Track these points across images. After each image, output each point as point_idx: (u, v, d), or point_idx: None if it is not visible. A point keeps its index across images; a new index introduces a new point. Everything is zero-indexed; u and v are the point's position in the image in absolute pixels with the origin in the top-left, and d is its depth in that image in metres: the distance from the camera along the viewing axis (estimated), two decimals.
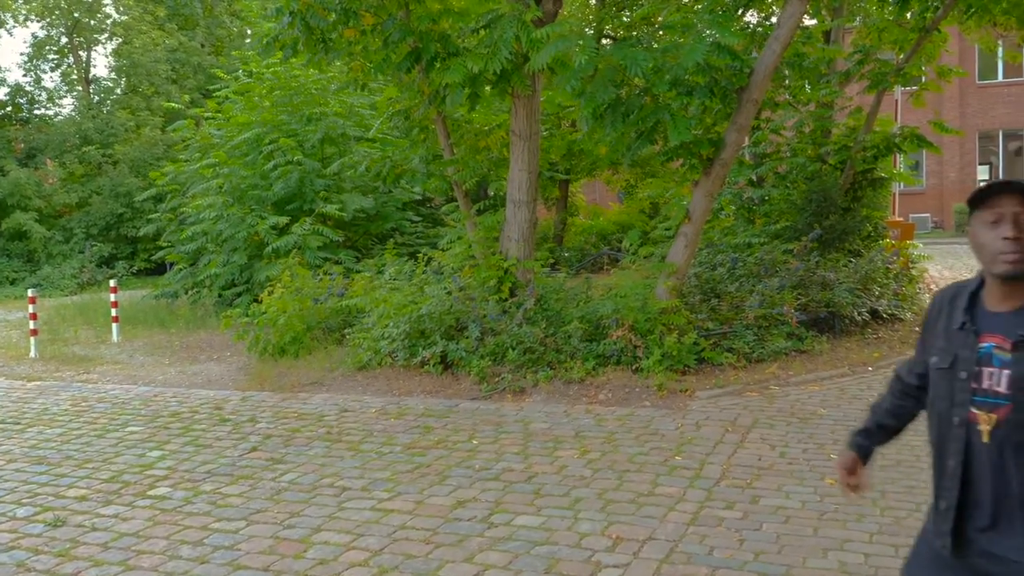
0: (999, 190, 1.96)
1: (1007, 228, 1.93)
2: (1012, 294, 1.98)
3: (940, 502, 2.07)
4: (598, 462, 5.60)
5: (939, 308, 2.15)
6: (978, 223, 2.00)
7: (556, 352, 8.13)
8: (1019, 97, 28.59)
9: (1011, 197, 1.95)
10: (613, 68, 7.48)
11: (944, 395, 2.04)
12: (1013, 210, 1.93)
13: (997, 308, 2.00)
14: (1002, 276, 1.95)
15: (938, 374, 2.07)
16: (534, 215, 9.66)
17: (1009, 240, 1.91)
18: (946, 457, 2.04)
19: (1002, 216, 1.94)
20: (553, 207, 19.20)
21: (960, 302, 2.07)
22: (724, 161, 8.34)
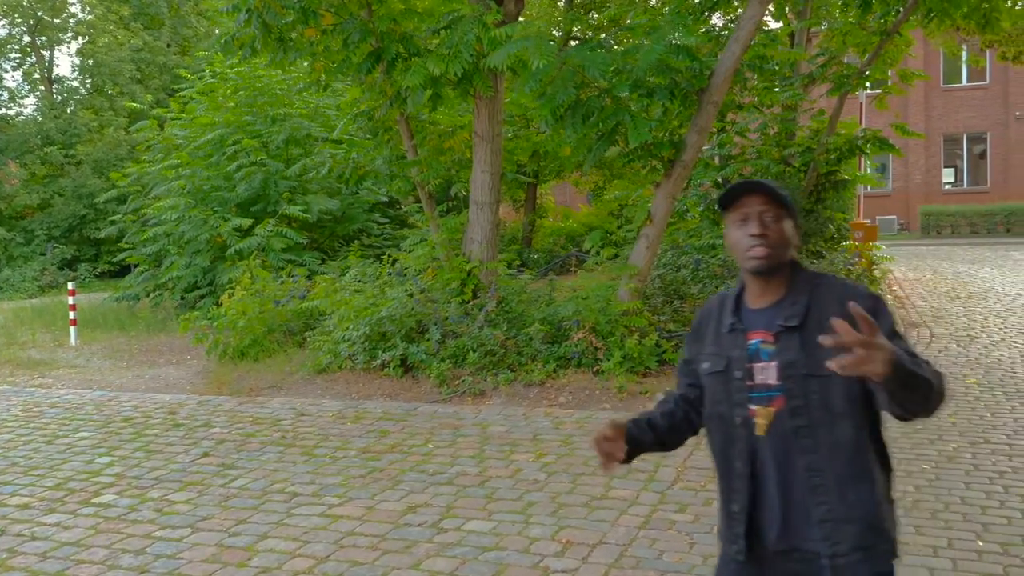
0: (745, 191, 2.03)
1: (753, 226, 1.99)
2: (768, 289, 2.04)
3: (732, 505, 2.08)
4: (553, 465, 5.55)
5: (706, 318, 2.20)
6: (729, 223, 2.07)
7: (517, 354, 8.09)
8: (982, 100, 29.00)
9: (756, 197, 2.02)
10: (573, 70, 7.44)
11: (722, 398, 2.07)
12: (758, 209, 2.00)
13: (757, 305, 2.06)
14: (752, 272, 2.02)
15: (713, 378, 2.10)
16: (497, 217, 9.61)
17: (755, 236, 1.98)
18: (732, 460, 2.06)
19: (748, 215, 2.01)
20: (521, 209, 19.17)
21: (727, 306, 2.12)
22: (685, 163, 8.34)
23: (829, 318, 1.78)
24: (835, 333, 1.71)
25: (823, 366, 1.82)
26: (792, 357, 1.96)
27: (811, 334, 1.93)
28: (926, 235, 27.41)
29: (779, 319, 2.00)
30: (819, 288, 2.02)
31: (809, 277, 2.05)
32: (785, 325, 1.98)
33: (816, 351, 1.89)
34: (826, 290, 2.01)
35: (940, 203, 28.57)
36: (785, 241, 2.00)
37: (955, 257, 20.93)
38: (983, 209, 27.18)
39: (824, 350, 1.80)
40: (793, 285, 2.03)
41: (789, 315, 1.99)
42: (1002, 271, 17.22)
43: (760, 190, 2.02)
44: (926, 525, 4.39)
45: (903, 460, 5.45)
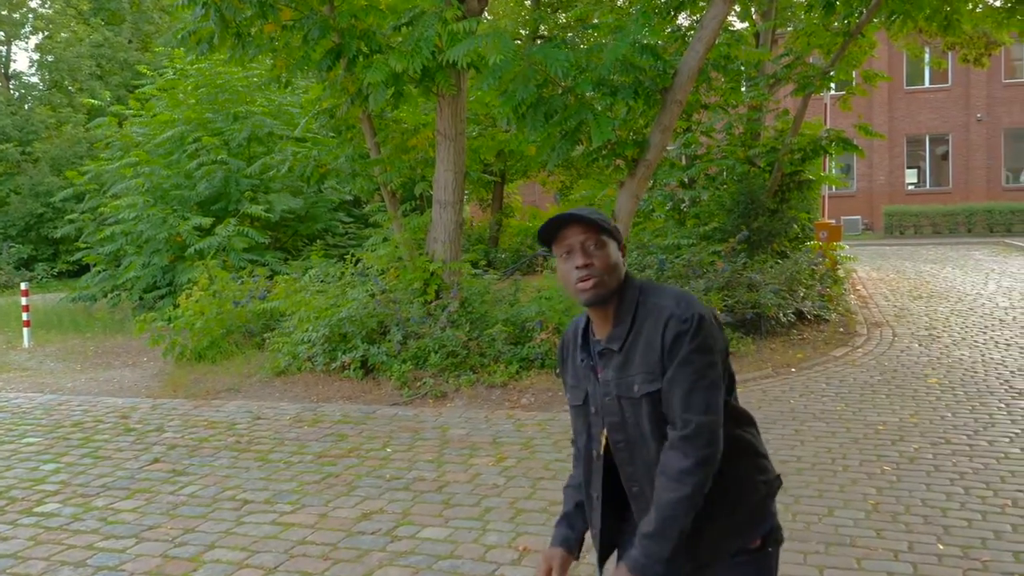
0: (564, 223, 1.98)
1: (578, 257, 1.95)
2: (606, 317, 2.01)
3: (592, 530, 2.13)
4: (513, 469, 5.45)
5: (566, 347, 2.16)
6: (557, 259, 2.03)
7: (480, 356, 7.98)
8: (944, 102, 29.40)
9: (574, 228, 1.97)
10: (534, 67, 7.34)
11: (581, 430, 2.09)
12: (579, 239, 1.96)
13: (600, 336, 2.03)
14: (587, 304, 1.98)
15: (574, 411, 2.11)
16: (461, 216, 9.49)
17: (581, 268, 1.94)
18: (591, 489, 2.09)
19: (572, 247, 1.97)
20: (488, 208, 19.05)
21: (579, 338, 2.09)
22: (649, 162, 8.27)
23: (644, 341, 1.91)
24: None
25: (633, 388, 1.92)
26: (608, 377, 1.97)
27: (628, 356, 1.95)
28: (890, 235, 27.71)
29: (605, 341, 2.00)
30: (643, 310, 1.97)
31: (635, 296, 2.00)
32: (607, 347, 1.99)
33: (627, 374, 1.94)
34: (648, 309, 1.97)
35: (903, 203, 28.91)
36: (611, 266, 1.97)
37: (918, 257, 21.16)
38: (945, 209, 27.54)
39: (633, 373, 1.93)
40: (621, 307, 2.00)
41: (610, 338, 1.98)
42: (964, 271, 17.42)
43: (575, 221, 1.97)
44: (887, 528, 4.34)
45: (864, 462, 5.42)
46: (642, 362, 1.92)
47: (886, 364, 8.51)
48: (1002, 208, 27.02)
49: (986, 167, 28.95)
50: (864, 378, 7.87)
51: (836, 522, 4.45)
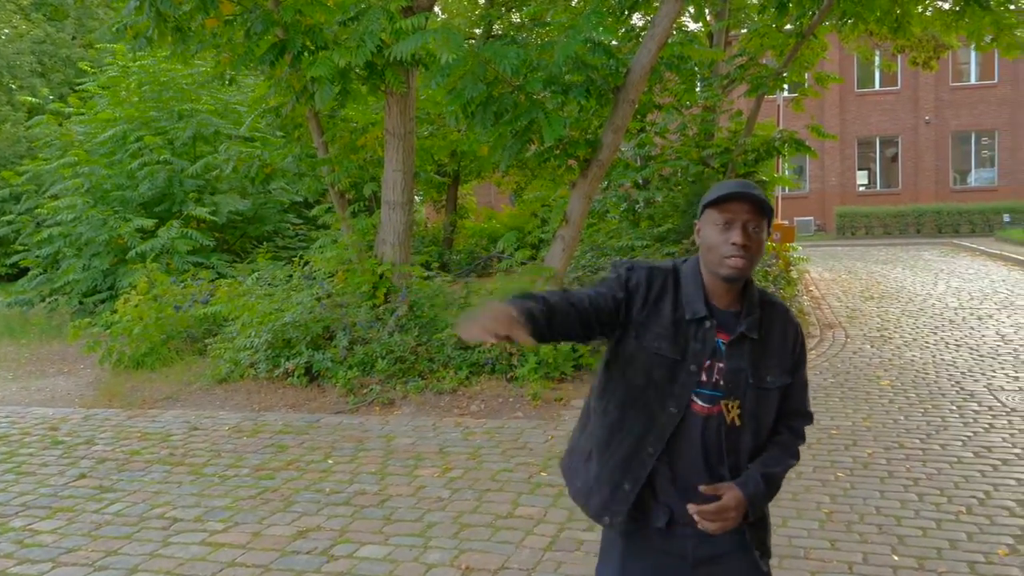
0: (735, 196, 1.98)
1: (737, 234, 1.95)
2: (729, 292, 2.05)
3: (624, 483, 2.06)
4: (459, 481, 5.24)
5: (661, 290, 2.07)
6: (709, 222, 2.02)
7: (429, 361, 7.75)
8: (894, 105, 29.82)
9: (744, 203, 1.97)
10: (483, 65, 7.15)
11: (661, 383, 2.02)
12: (744, 217, 1.97)
13: (721, 305, 2.05)
14: (726, 279, 2.00)
15: (658, 361, 2.02)
16: (410, 217, 9.25)
17: (737, 246, 1.95)
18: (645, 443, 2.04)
19: (733, 221, 1.97)
20: (442, 209, 18.80)
21: (693, 295, 2.04)
22: (601, 162, 8.13)
23: (775, 336, 2.06)
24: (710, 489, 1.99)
25: (765, 380, 2.04)
26: (742, 365, 2.01)
27: (760, 348, 2.04)
28: (842, 236, 28.03)
29: (740, 326, 2.03)
30: (768, 308, 2.09)
31: (759, 293, 2.11)
32: (746, 334, 2.03)
33: (760, 364, 2.04)
34: (773, 311, 2.10)
35: (855, 205, 29.28)
36: (761, 253, 2.01)
37: (869, 257, 21.38)
38: (895, 210, 27.93)
39: (767, 366, 2.05)
40: (749, 296, 2.06)
41: (750, 326, 2.03)
42: (914, 271, 17.61)
43: (748, 198, 1.97)
44: (841, 539, 4.22)
45: (818, 468, 5.32)
46: (778, 359, 2.06)
47: (839, 366, 8.47)
48: (950, 209, 27.47)
49: (934, 169, 29.44)
50: (817, 381, 7.81)
51: (790, 533, 4.32)
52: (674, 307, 2.03)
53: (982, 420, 6.36)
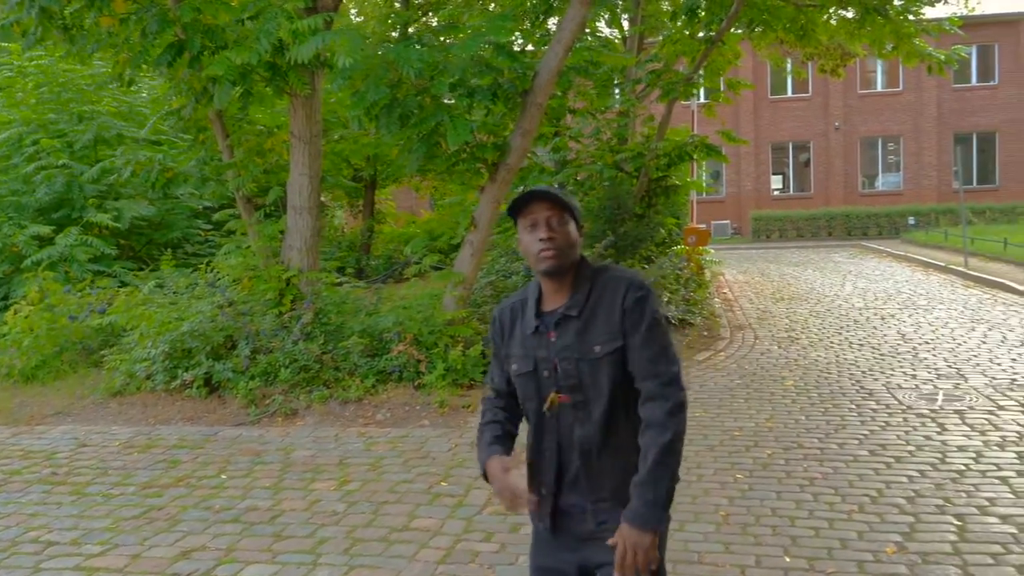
0: (531, 199, 2.17)
1: (542, 231, 2.14)
2: (560, 289, 2.20)
3: (541, 488, 2.23)
4: (356, 493, 5.09)
5: (509, 319, 2.31)
6: (520, 229, 2.21)
7: (334, 370, 7.56)
8: (805, 111, 30.66)
9: (542, 204, 2.16)
10: (385, 66, 7.02)
11: (532, 395, 2.22)
12: (545, 215, 2.16)
13: (550, 307, 2.21)
14: (544, 273, 2.17)
15: (523, 379, 2.23)
16: (318, 222, 9.03)
17: (544, 240, 2.13)
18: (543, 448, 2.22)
19: (536, 221, 2.16)
20: (359, 214, 18.52)
21: (529, 309, 2.25)
22: (510, 166, 8.07)
23: (601, 306, 2.14)
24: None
25: (593, 350, 2.12)
26: (568, 342, 2.14)
27: (587, 321, 2.15)
28: (757, 239, 28.68)
29: (563, 309, 2.17)
30: (599, 279, 2.19)
31: (591, 272, 2.21)
32: (565, 314, 2.16)
33: (588, 337, 2.14)
34: (605, 281, 2.18)
35: (770, 208, 29.99)
36: (571, 243, 2.16)
37: (782, 260, 21.90)
38: (807, 214, 28.71)
39: (591, 338, 2.13)
40: (577, 282, 2.20)
41: (569, 306, 2.17)
42: (823, 273, 18.09)
43: (545, 197, 2.15)
44: (735, 542, 4.22)
45: (719, 471, 5.33)
46: (603, 326, 2.13)
47: (746, 367, 8.58)
48: (859, 212, 28.37)
49: (844, 173, 30.36)
50: (724, 382, 7.89)
51: (686, 537, 4.30)
52: (522, 327, 2.25)
53: (879, 418, 6.49)
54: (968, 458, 5.46)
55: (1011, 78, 29.36)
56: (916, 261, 19.64)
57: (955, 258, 18.31)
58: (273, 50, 7.43)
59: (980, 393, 7.16)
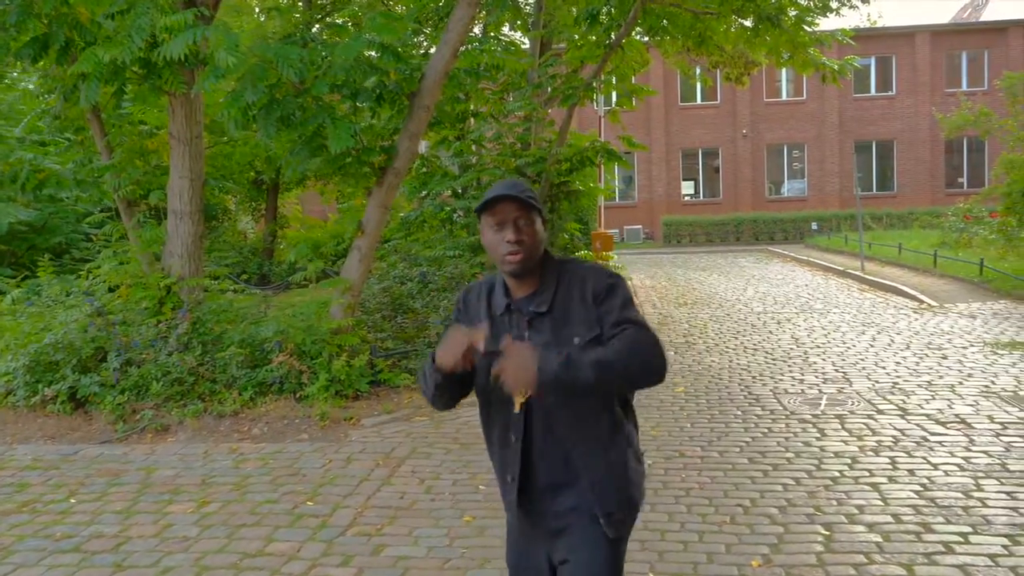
0: (500, 198, 2.14)
1: (509, 232, 2.12)
2: (525, 283, 2.21)
3: (507, 475, 2.23)
4: (213, 516, 4.80)
5: (475, 299, 2.30)
6: (485, 226, 2.19)
7: (211, 382, 7.21)
8: (714, 118, 31.25)
9: (509, 204, 2.14)
10: (263, 66, 6.72)
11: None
12: (513, 215, 2.13)
13: (519, 295, 2.22)
14: (510, 274, 2.17)
15: (485, 360, 2.10)
16: (200, 227, 8.63)
17: (511, 243, 2.12)
18: (508, 434, 2.21)
19: (504, 221, 2.13)
20: (262, 219, 18.01)
21: (498, 291, 2.24)
22: (397, 170, 7.86)
23: (572, 300, 2.15)
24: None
25: (572, 342, 2.11)
26: (544, 339, 2.12)
27: (557, 317, 2.16)
28: (668, 243, 29.07)
29: (533, 306, 2.17)
30: (564, 274, 2.20)
31: (556, 265, 2.22)
32: (536, 311, 2.16)
33: (561, 332, 2.14)
34: (571, 274, 2.20)
35: (680, 214, 30.44)
36: (538, 242, 2.17)
37: (690, 264, 22.20)
38: (716, 219, 29.24)
39: (568, 331, 2.14)
40: (544, 276, 2.20)
41: (540, 302, 2.17)
42: (728, 277, 18.37)
43: (510, 199, 2.13)
44: None
45: None
46: (578, 318, 2.13)
47: None
48: (766, 218, 29.03)
49: (752, 180, 31.04)
50: None
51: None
52: (488, 309, 2.24)
53: (763, 424, 6.50)
54: (843, 464, 5.48)
55: (908, 88, 30.51)
56: (817, 265, 20.14)
57: (853, 262, 18.83)
58: (147, 47, 7.06)
59: (862, 397, 7.26)
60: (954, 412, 6.64)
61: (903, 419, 6.50)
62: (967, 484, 4.99)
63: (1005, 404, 6.82)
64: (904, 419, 6.50)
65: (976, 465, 5.35)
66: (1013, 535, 4.23)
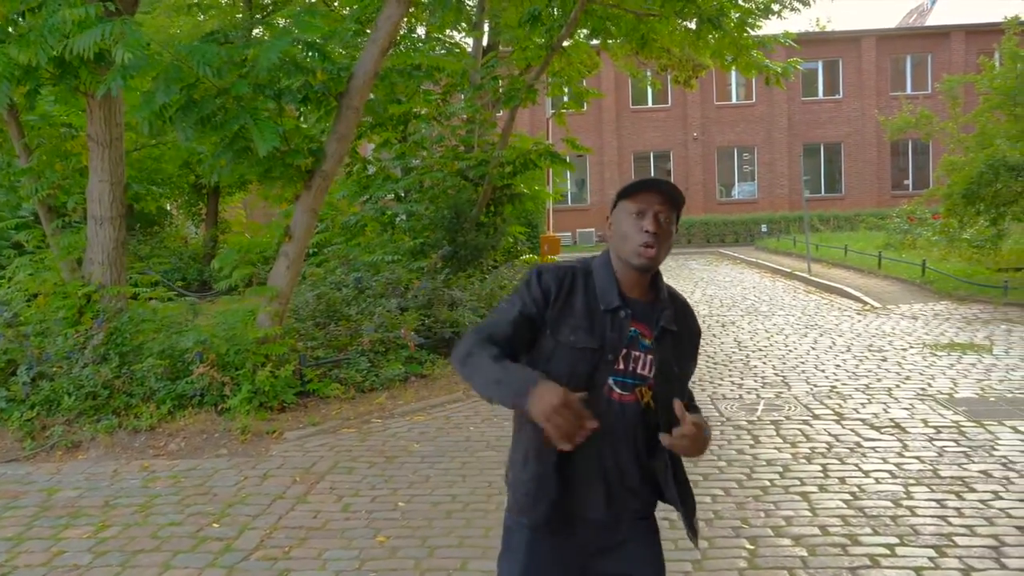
0: (648, 187, 2.03)
1: (649, 222, 2.00)
2: (641, 283, 2.08)
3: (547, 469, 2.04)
4: (111, 541, 4.51)
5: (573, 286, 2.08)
6: (623, 213, 2.05)
7: (127, 396, 6.88)
8: (665, 121, 31.36)
9: (658, 194, 2.03)
10: (179, 65, 6.43)
11: (581, 373, 2.01)
12: (657, 208, 2.01)
13: (634, 295, 2.08)
14: (638, 268, 2.02)
15: (578, 353, 2.02)
16: (122, 233, 8.28)
17: (649, 234, 1.99)
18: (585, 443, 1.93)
19: (645, 211, 2.01)
20: (202, 224, 17.56)
21: (608, 287, 2.07)
22: (326, 173, 7.61)
23: (685, 332, 2.12)
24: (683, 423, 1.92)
25: (684, 368, 2.13)
26: (667, 356, 2.06)
27: (679, 339, 2.10)
28: None
29: (659, 319, 2.06)
30: (677, 301, 2.15)
31: (667, 286, 2.15)
32: (666, 327, 2.07)
33: (680, 361, 2.10)
34: (682, 306, 2.16)
35: None
36: (671, 243, 2.06)
37: None
38: None
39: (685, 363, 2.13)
40: (659, 288, 2.11)
41: (668, 319, 2.07)
42: (678, 280, 18.34)
43: (661, 189, 2.03)
44: None
45: None
46: (689, 348, 2.15)
47: None
48: (717, 220, 29.17)
49: (702, 182, 31.19)
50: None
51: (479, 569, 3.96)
52: (586, 299, 2.06)
53: None
54: (775, 472, 5.36)
55: (854, 92, 30.89)
56: (766, 267, 20.24)
57: (801, 264, 18.94)
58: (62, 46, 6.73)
59: (799, 402, 7.17)
60: (889, 416, 6.58)
61: (838, 424, 6.42)
62: (897, 492, 4.90)
63: (940, 407, 6.78)
64: (839, 424, 6.42)
65: (908, 471, 5.27)
66: (939, 545, 4.13)
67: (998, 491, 4.85)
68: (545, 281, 2.08)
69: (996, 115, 15.82)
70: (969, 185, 13.40)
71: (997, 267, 14.73)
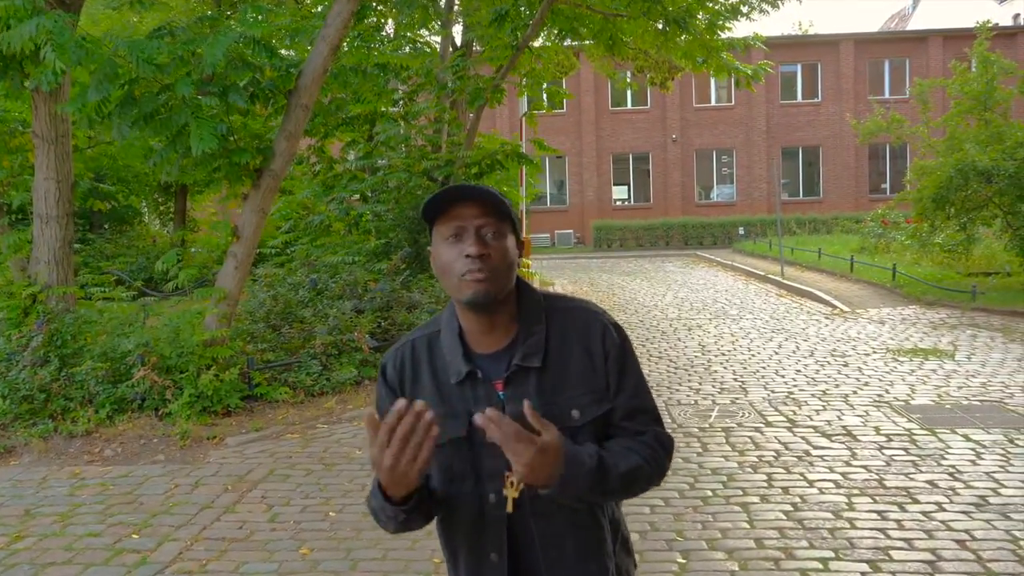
0: (454, 198, 1.53)
1: (470, 244, 1.51)
2: (495, 326, 1.58)
3: None
4: (23, 553, 4.34)
5: (415, 367, 1.63)
6: (437, 239, 1.56)
7: (65, 399, 6.70)
8: (644, 123, 31.30)
9: (471, 206, 1.53)
10: (112, 62, 6.25)
11: (466, 472, 1.57)
12: (475, 222, 1.53)
13: (488, 349, 1.59)
14: (470, 302, 1.52)
15: (450, 448, 1.56)
16: (69, 232, 8.10)
17: (472, 258, 1.50)
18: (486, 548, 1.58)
19: (463, 229, 1.53)
20: (170, 223, 17.34)
21: (453, 350, 1.59)
22: (275, 172, 7.45)
23: (571, 355, 1.57)
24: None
25: (569, 416, 1.55)
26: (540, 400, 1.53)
27: (557, 375, 1.56)
28: (599, 248, 28.97)
29: (518, 359, 1.56)
30: (555, 314, 1.61)
31: (541, 302, 1.62)
32: (521, 364, 1.55)
33: (555, 400, 1.55)
34: (564, 316, 1.61)
35: (611, 218, 30.38)
36: (509, 264, 1.55)
37: (616, 269, 22.07)
38: (646, 224, 29.24)
39: (565, 399, 1.56)
40: (525, 316, 1.60)
41: (526, 353, 1.56)
42: (652, 282, 18.25)
43: (473, 198, 1.53)
44: None
45: None
46: (581, 382, 1.57)
47: None
48: (695, 223, 29.13)
49: (681, 184, 31.14)
50: None
51: None
52: (433, 376, 1.61)
53: None
54: (718, 482, 5.24)
55: (833, 95, 30.94)
56: (741, 270, 20.18)
57: (775, 267, 18.88)
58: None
59: (754, 408, 7.06)
60: (842, 424, 6.48)
61: (790, 432, 6.31)
62: (839, 503, 4.79)
63: (894, 414, 6.69)
64: (791, 432, 6.31)
65: (853, 481, 5.16)
66: (875, 560, 4.02)
67: (942, 502, 4.75)
68: (389, 376, 1.67)
69: (967, 119, 15.82)
70: (939, 189, 13.37)
71: (968, 272, 14.72)
